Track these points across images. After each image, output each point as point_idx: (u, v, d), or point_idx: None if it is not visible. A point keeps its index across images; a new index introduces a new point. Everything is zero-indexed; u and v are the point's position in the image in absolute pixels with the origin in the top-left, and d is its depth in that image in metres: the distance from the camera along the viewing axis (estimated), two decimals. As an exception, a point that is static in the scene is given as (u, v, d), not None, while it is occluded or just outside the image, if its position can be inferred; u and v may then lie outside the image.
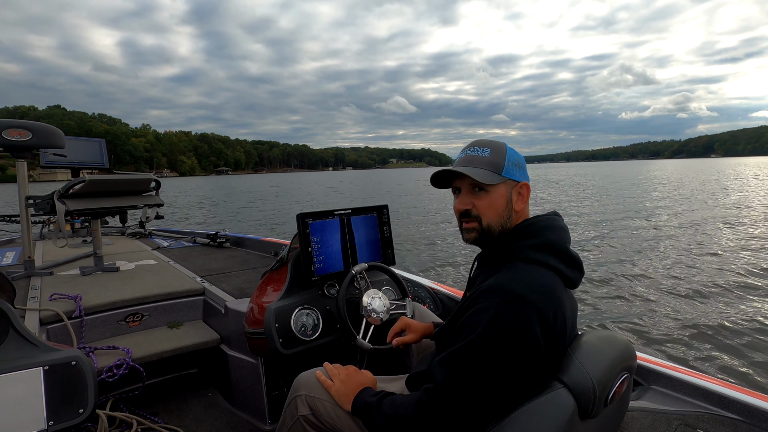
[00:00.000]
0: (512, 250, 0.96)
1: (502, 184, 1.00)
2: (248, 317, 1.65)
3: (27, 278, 2.39)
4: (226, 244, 3.48)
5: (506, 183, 1.00)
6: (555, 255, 0.94)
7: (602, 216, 12.69)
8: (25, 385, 1.00)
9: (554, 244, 0.95)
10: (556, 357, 0.90)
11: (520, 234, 0.98)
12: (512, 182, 1.01)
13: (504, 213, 1.00)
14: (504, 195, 1.00)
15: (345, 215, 1.81)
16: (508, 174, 1.00)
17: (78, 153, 3.60)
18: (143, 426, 1.71)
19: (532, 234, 0.96)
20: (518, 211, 1.02)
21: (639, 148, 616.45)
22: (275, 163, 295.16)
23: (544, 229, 0.97)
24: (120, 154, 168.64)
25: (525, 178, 1.03)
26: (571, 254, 0.96)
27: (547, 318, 0.86)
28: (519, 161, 1.03)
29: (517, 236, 0.98)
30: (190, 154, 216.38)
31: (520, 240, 0.97)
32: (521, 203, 1.01)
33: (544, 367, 0.88)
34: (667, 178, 35.30)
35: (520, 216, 1.03)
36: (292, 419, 1.25)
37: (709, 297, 5.08)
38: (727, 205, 14.41)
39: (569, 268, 0.95)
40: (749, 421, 1.13)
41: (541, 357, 0.86)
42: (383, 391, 1.09)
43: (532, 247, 0.94)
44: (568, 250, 0.96)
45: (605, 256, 7.37)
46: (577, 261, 0.97)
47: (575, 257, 0.97)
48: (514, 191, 1.01)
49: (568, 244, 0.99)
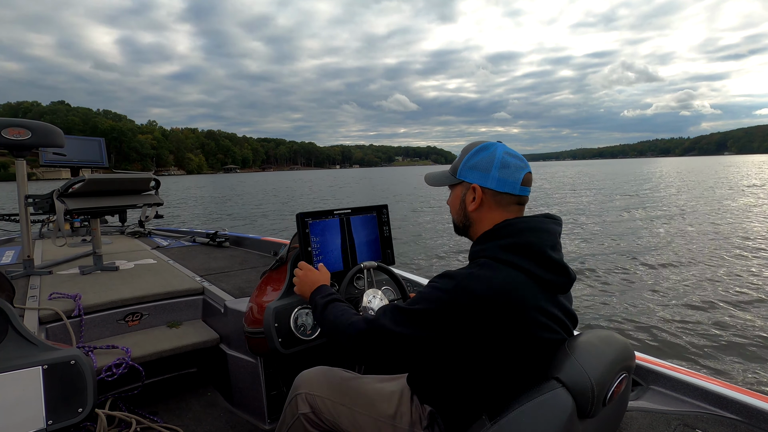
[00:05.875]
0: (484, 249, 0.97)
1: (459, 185, 1.06)
2: (248, 317, 1.65)
3: (26, 277, 2.39)
4: (226, 244, 3.48)
5: (462, 184, 1.05)
6: (529, 257, 0.91)
7: (606, 214, 12.71)
8: (25, 384, 1.00)
9: (530, 245, 0.92)
10: (526, 357, 0.90)
11: (497, 234, 0.98)
12: (468, 183, 1.03)
13: (460, 212, 1.06)
14: (458, 196, 1.07)
15: (345, 215, 1.81)
16: (462, 176, 1.05)
17: (77, 152, 3.60)
18: (142, 425, 1.71)
19: (507, 234, 0.96)
20: (473, 211, 1.02)
21: (647, 146, 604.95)
22: (282, 161, 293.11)
23: (522, 231, 0.95)
24: (126, 151, 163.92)
25: (480, 180, 1.00)
26: (548, 257, 0.92)
27: (493, 316, 0.86)
28: (479, 164, 1.01)
29: (492, 236, 0.98)
30: (197, 151, 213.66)
31: (495, 240, 0.96)
32: (474, 204, 1.02)
33: (504, 364, 0.90)
34: (688, 176, 34.77)
35: (484, 216, 1.02)
36: (293, 417, 1.25)
37: (709, 297, 5.09)
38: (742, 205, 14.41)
39: (546, 270, 0.92)
40: (748, 421, 1.13)
41: (484, 351, 0.88)
42: (333, 294, 1.19)
43: (503, 247, 0.93)
44: (546, 253, 0.92)
45: (606, 256, 7.38)
46: (557, 264, 0.93)
47: (554, 260, 0.93)
48: (468, 192, 1.03)
49: (551, 247, 0.95)
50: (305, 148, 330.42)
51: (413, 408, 1.11)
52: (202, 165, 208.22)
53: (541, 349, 0.91)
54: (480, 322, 0.86)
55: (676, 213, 12.75)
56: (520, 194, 1.00)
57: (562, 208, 15.05)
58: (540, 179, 37.71)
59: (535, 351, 0.90)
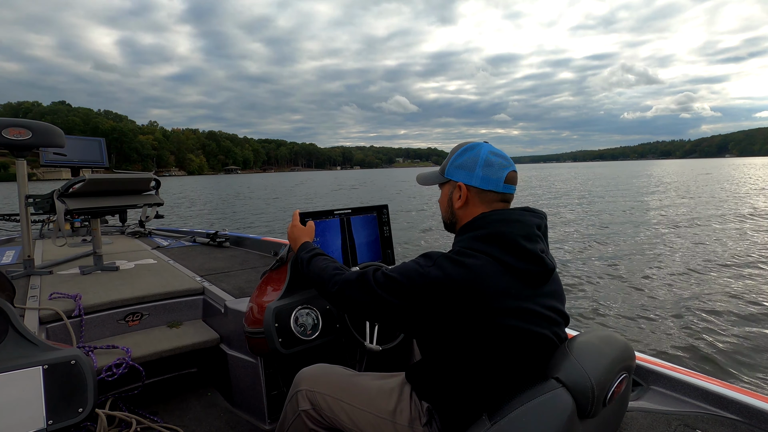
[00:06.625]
0: (460, 240, 1.02)
1: (446, 184, 1.12)
2: (248, 317, 1.65)
3: (26, 277, 2.39)
4: (226, 244, 3.48)
5: (450, 183, 1.11)
6: (499, 245, 0.94)
7: (607, 215, 12.71)
8: (25, 384, 1.00)
9: (500, 234, 0.95)
10: (503, 348, 0.92)
11: (471, 226, 1.03)
12: (454, 182, 1.08)
13: (448, 209, 1.12)
14: (446, 194, 1.12)
15: (345, 215, 1.81)
16: (449, 175, 1.10)
17: (78, 152, 3.60)
18: (143, 425, 1.71)
19: (480, 226, 1.00)
20: (459, 208, 1.08)
21: (648, 148, 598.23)
22: (282, 162, 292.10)
23: (494, 222, 0.99)
24: (127, 152, 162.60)
25: (466, 178, 1.06)
26: (520, 246, 0.94)
27: (457, 298, 0.90)
28: (464, 163, 1.07)
29: (468, 228, 1.03)
30: (198, 152, 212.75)
31: (470, 231, 1.01)
32: (460, 201, 1.07)
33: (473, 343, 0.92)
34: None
35: (468, 213, 1.07)
36: (294, 414, 1.26)
37: (709, 297, 5.09)
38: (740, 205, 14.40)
39: (517, 259, 0.93)
40: (748, 421, 1.13)
41: (450, 332, 0.92)
42: (316, 249, 1.31)
43: (475, 238, 0.98)
44: (517, 242, 0.94)
45: (606, 256, 7.38)
46: (530, 253, 0.94)
47: (527, 249, 0.94)
48: (455, 190, 1.08)
49: (525, 237, 0.96)
50: (306, 149, 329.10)
51: (412, 405, 1.11)
52: (203, 166, 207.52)
53: (515, 339, 0.91)
54: (444, 303, 0.91)
55: (679, 215, 12.74)
56: (504, 192, 1.05)
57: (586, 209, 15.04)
58: (554, 180, 37.56)
59: (509, 341, 0.91)
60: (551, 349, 0.94)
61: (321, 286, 1.16)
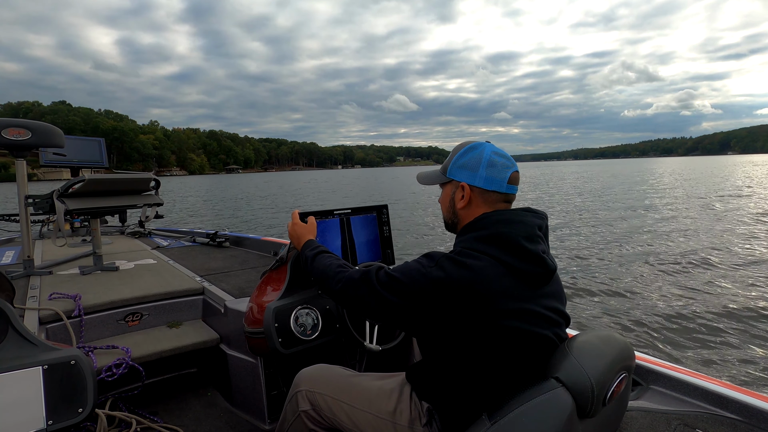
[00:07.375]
0: (462, 241, 1.02)
1: (448, 183, 1.12)
2: (248, 317, 1.65)
3: (26, 277, 2.39)
4: (226, 244, 3.48)
5: (452, 183, 1.11)
6: (500, 246, 0.94)
7: (608, 215, 12.70)
8: (24, 384, 1.00)
9: (502, 235, 0.95)
10: (505, 349, 0.92)
11: (473, 226, 1.02)
12: (457, 182, 1.08)
13: (450, 209, 1.12)
14: (448, 194, 1.12)
15: (345, 215, 1.81)
16: (451, 175, 1.10)
17: (77, 152, 3.61)
18: (142, 425, 1.71)
19: (482, 227, 1.00)
20: (461, 209, 1.08)
21: (650, 146, 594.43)
22: (283, 161, 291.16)
23: (495, 223, 0.99)
24: (128, 152, 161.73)
25: (469, 179, 1.06)
26: (522, 246, 0.94)
27: (457, 299, 0.90)
28: (467, 163, 1.06)
29: (469, 228, 1.03)
30: (199, 151, 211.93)
31: (471, 232, 1.01)
32: (462, 202, 1.07)
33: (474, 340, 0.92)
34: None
35: (471, 213, 1.07)
36: (294, 415, 1.26)
37: (709, 297, 5.09)
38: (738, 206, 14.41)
39: (518, 260, 0.93)
40: (748, 421, 1.13)
41: (451, 332, 0.93)
42: (320, 247, 1.31)
43: (477, 238, 0.98)
44: (519, 243, 0.94)
45: (607, 256, 7.38)
46: (531, 254, 0.94)
47: (528, 250, 0.94)
48: (457, 191, 1.08)
49: (526, 237, 0.96)
50: (307, 148, 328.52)
51: (412, 405, 1.11)
52: (204, 165, 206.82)
53: (516, 340, 0.91)
54: (446, 303, 0.91)
55: (680, 215, 12.74)
56: (506, 192, 1.05)
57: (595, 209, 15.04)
58: (555, 180, 37.54)
59: (510, 342, 0.91)
60: (552, 349, 0.94)
61: (324, 283, 1.16)
